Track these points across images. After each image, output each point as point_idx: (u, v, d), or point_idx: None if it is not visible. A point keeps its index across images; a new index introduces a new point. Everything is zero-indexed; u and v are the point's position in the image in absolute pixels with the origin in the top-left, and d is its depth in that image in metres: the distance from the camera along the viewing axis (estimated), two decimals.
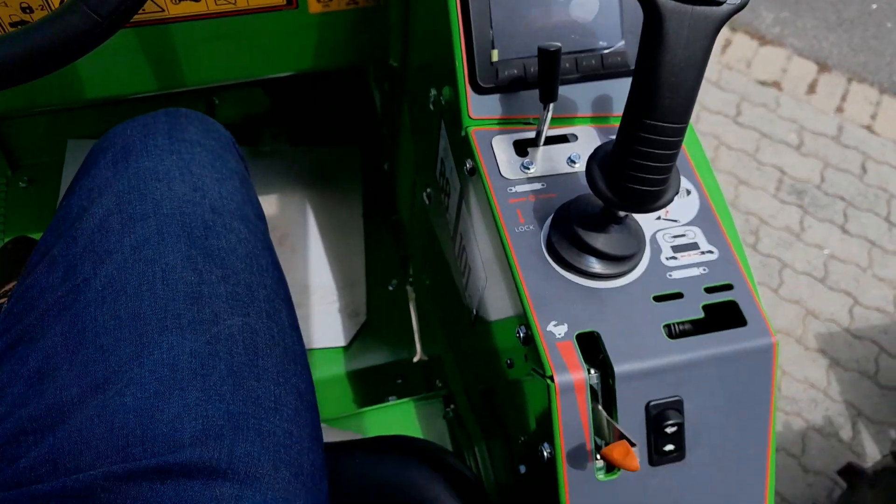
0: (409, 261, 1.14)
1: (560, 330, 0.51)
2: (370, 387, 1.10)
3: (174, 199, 0.53)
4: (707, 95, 2.02)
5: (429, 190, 0.82)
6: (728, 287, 0.53)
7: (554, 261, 0.54)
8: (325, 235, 1.19)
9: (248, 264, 0.53)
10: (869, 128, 1.98)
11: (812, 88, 2.05)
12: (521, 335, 0.52)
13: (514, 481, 0.63)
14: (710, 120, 1.98)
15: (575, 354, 0.50)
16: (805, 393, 1.67)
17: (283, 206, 1.20)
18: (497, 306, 0.60)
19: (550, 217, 0.55)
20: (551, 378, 0.49)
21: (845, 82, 2.07)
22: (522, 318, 0.52)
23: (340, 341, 1.13)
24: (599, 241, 0.52)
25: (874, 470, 1.26)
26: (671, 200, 0.48)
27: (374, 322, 1.15)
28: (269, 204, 1.20)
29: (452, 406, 0.84)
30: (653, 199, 0.47)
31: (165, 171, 0.53)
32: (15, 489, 0.42)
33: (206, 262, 0.50)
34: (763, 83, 2.05)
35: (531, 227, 0.55)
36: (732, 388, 0.51)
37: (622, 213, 0.51)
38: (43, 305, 0.48)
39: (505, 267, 0.55)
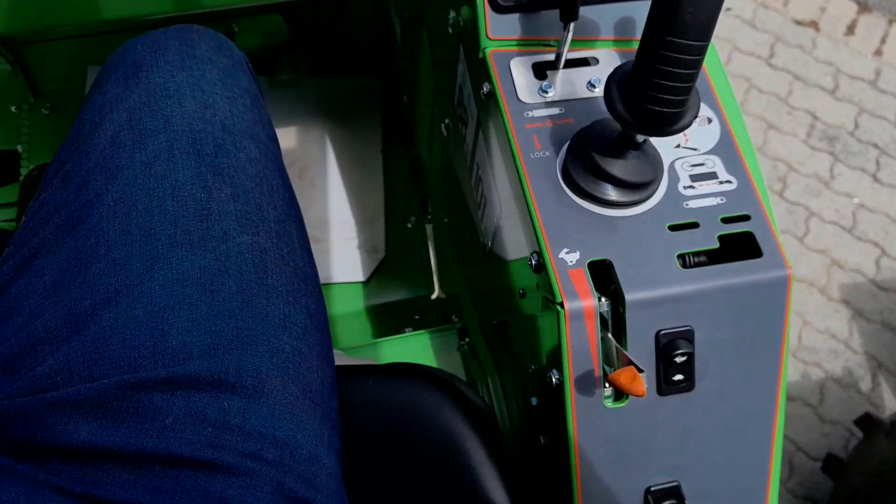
0: (427, 199, 1.14)
1: (572, 257, 0.50)
2: (388, 322, 1.11)
3: (185, 117, 0.52)
4: (740, 35, 1.95)
5: (447, 121, 0.81)
6: (745, 218, 0.52)
7: (569, 188, 0.53)
8: (345, 170, 1.18)
9: (258, 184, 0.53)
10: None
11: (851, 30, 1.97)
12: (533, 263, 0.52)
13: (526, 414, 0.63)
14: (741, 61, 1.91)
15: (586, 282, 0.49)
16: (825, 343, 1.65)
17: (303, 138, 1.19)
18: (511, 236, 0.59)
19: (567, 143, 0.54)
20: (561, 305, 0.49)
21: (886, 24, 1.98)
22: (535, 246, 0.52)
23: (359, 276, 1.14)
24: (616, 167, 0.51)
25: (891, 420, 1.25)
26: (690, 124, 0.46)
27: (392, 259, 1.15)
28: (289, 136, 1.19)
29: (467, 339, 0.84)
30: (671, 122, 0.46)
31: (176, 87, 0.53)
32: (30, 396, 0.43)
33: (215, 180, 0.50)
34: (799, 23, 1.98)
35: (547, 154, 0.54)
36: (745, 320, 0.50)
37: (640, 139, 0.50)
38: (57, 220, 0.49)
39: (519, 195, 0.54)
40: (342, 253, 1.14)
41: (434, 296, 1.13)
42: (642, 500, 0.52)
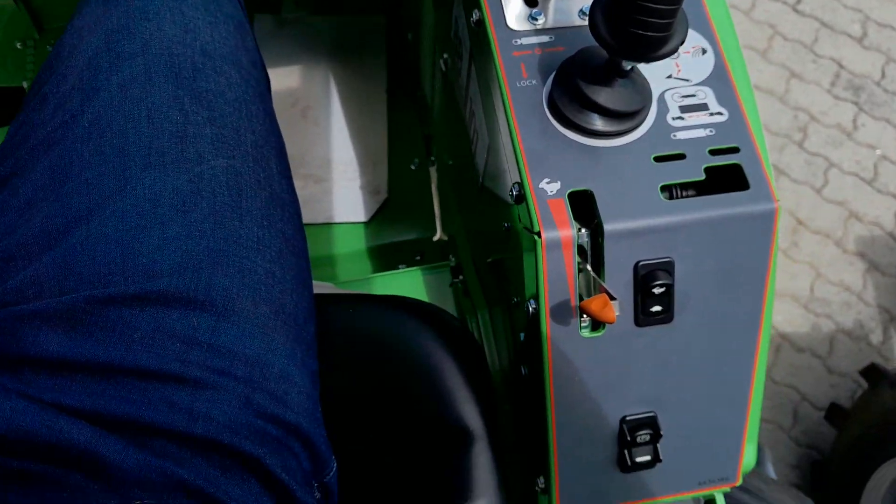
0: (432, 141, 1.13)
1: (552, 187, 0.50)
2: (389, 262, 1.11)
3: (163, 40, 0.52)
4: None
5: (445, 56, 0.79)
6: (734, 150, 0.51)
7: (554, 117, 0.52)
8: (348, 110, 1.17)
9: (236, 108, 0.53)
10: None
11: None
12: (514, 193, 0.51)
13: (515, 352, 0.64)
14: (766, 7, 1.85)
15: (565, 212, 0.49)
16: (838, 296, 1.63)
17: (306, 78, 1.18)
18: (498, 169, 0.59)
19: (555, 72, 0.53)
20: (538, 234, 0.48)
21: None
22: (516, 177, 0.51)
23: (361, 216, 1.14)
24: (602, 95, 0.50)
25: None
26: (675, 49, 0.45)
27: (395, 200, 1.15)
28: (292, 75, 1.18)
29: (461, 277, 0.85)
30: (656, 46, 0.44)
31: (155, 10, 0.52)
32: (1, 309, 0.44)
33: (192, 103, 0.50)
34: None
35: (534, 82, 0.53)
36: (728, 253, 0.50)
37: (627, 66, 0.49)
38: (34, 140, 0.49)
39: (504, 124, 0.53)
40: (344, 193, 1.14)
41: (436, 237, 1.13)
42: (617, 429, 0.53)
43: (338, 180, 1.15)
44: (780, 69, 1.80)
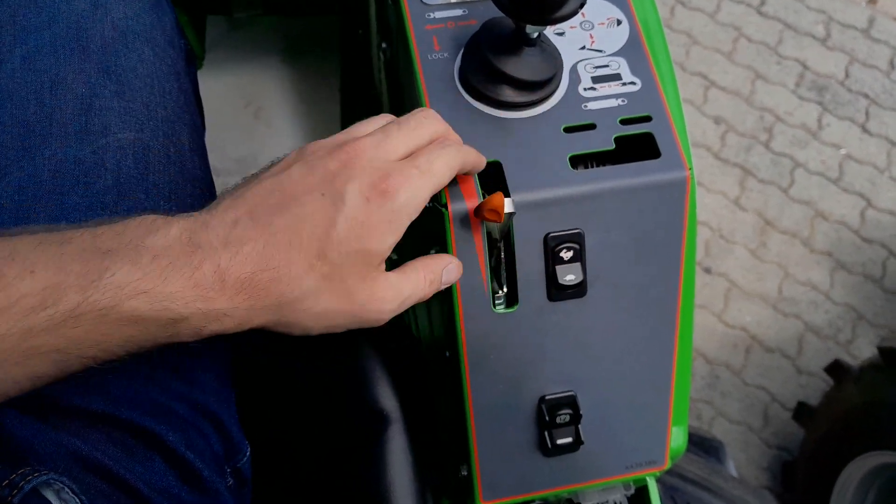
0: None
1: None
2: None
3: (71, 14, 0.51)
4: None
5: (384, 45, 0.78)
6: (646, 119, 0.50)
7: (465, 90, 0.51)
8: (301, 110, 1.16)
9: (147, 84, 0.52)
10: None
11: None
12: None
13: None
14: (731, 9, 1.86)
15: (472, 184, 0.48)
16: (806, 295, 1.63)
17: (259, 78, 1.17)
18: None
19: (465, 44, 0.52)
20: (445, 207, 0.47)
21: None
22: None
23: None
24: (510, 65, 0.49)
25: (861, 366, 1.23)
26: (575, 11, 0.44)
27: None
28: (244, 76, 1.17)
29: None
30: (553, 6, 0.43)
31: None
32: None
33: (100, 76, 0.49)
34: None
35: (445, 55, 0.52)
36: (639, 223, 0.48)
37: (534, 33, 0.48)
38: None
39: (416, 99, 0.52)
40: None
41: None
42: (536, 409, 0.51)
43: None
44: (746, 70, 1.81)
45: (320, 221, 0.38)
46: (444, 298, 0.50)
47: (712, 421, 1.53)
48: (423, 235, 0.61)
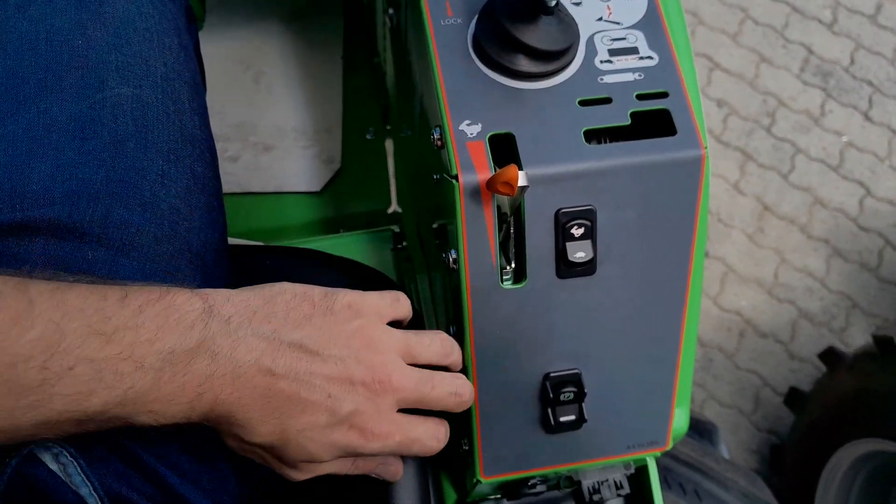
0: (388, 110, 1.10)
1: (473, 129, 0.47)
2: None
3: None
4: None
5: (391, 11, 0.77)
6: (663, 95, 0.48)
7: (478, 57, 0.49)
8: (302, 77, 1.14)
9: (146, 38, 0.50)
10: None
11: None
12: (435, 137, 0.49)
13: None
14: None
15: (485, 155, 0.46)
16: (802, 281, 1.63)
17: (260, 43, 1.15)
18: (427, 115, 0.56)
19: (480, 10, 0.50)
20: (456, 178, 0.46)
21: None
22: (438, 120, 0.49)
23: (314, 186, 1.11)
24: (526, 33, 0.47)
25: (854, 354, 1.24)
26: None
27: (349, 170, 1.12)
28: (245, 40, 1.15)
29: (404, 243, 0.82)
30: None
31: None
32: None
33: (97, 28, 0.47)
34: None
35: (459, 21, 0.51)
36: (652, 201, 0.48)
37: (551, 1, 0.46)
38: None
39: (427, 66, 0.51)
40: (297, 161, 1.11)
41: (391, 209, 1.11)
42: (540, 386, 0.51)
43: (290, 148, 1.12)
44: (751, 53, 1.79)
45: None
46: (450, 272, 0.50)
47: (704, 403, 1.54)
48: (430, 207, 0.60)
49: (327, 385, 0.42)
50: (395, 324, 0.49)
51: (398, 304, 0.47)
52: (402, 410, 0.46)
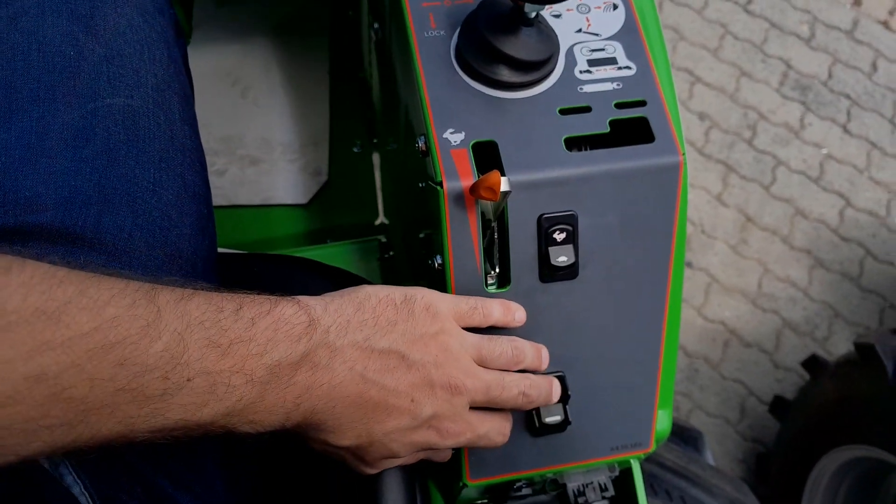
0: (374, 124, 1.11)
1: (456, 137, 0.49)
2: None
3: None
4: None
5: (376, 25, 0.78)
6: (640, 103, 0.50)
7: (461, 68, 0.51)
8: (289, 91, 1.15)
9: (137, 50, 0.51)
10: (885, 24, 1.88)
11: None
12: (419, 145, 0.50)
13: None
14: (718, 6, 1.88)
15: (468, 162, 0.48)
16: (785, 291, 1.65)
17: (247, 57, 1.16)
18: (412, 125, 0.57)
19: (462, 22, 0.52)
20: (440, 184, 0.47)
21: None
22: (422, 129, 0.50)
23: (301, 199, 1.11)
24: (507, 44, 0.49)
25: (837, 362, 1.25)
26: None
27: (336, 183, 1.13)
28: (232, 55, 1.16)
29: (391, 253, 0.83)
30: None
31: None
32: None
33: (88, 40, 0.48)
34: None
35: (442, 33, 0.52)
36: (632, 207, 0.49)
37: (531, 13, 0.48)
38: None
39: (412, 77, 0.52)
40: (284, 175, 1.12)
41: (377, 221, 1.12)
42: None
43: (277, 161, 1.13)
44: (731, 68, 1.83)
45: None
46: (435, 277, 0.50)
47: (690, 413, 1.55)
48: (417, 217, 0.61)
49: (411, 391, 0.45)
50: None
51: (475, 312, 0.48)
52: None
